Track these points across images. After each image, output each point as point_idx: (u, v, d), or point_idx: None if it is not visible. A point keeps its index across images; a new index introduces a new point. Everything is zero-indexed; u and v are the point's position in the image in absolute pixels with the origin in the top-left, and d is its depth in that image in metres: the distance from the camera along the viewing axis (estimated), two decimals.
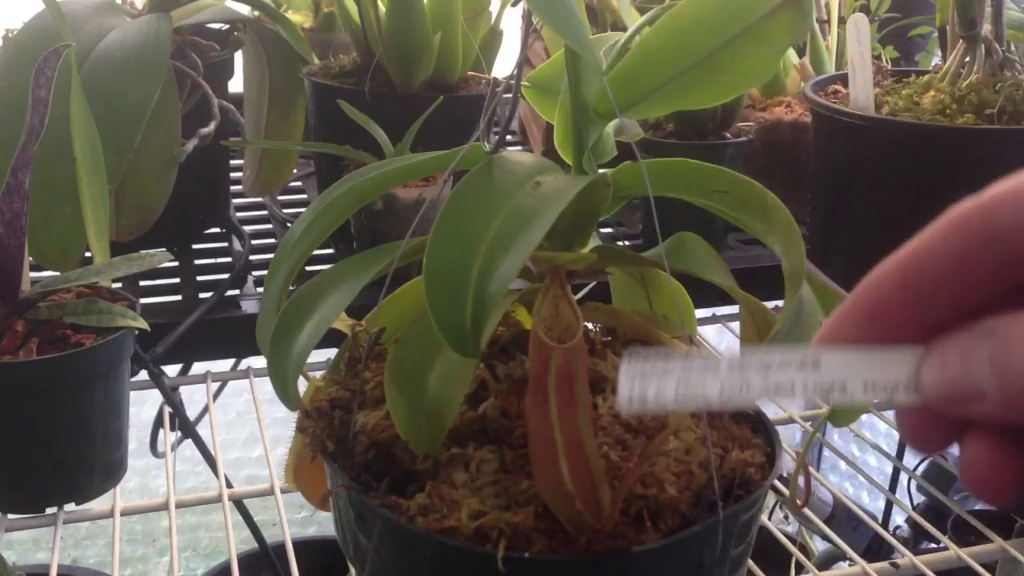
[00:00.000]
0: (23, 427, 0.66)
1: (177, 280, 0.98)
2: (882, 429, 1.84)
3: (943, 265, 0.27)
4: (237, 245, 1.04)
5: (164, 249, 0.73)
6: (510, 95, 0.48)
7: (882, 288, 0.28)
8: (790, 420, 0.84)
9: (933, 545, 1.30)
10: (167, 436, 0.81)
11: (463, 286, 0.38)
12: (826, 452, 1.75)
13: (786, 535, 1.07)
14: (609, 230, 1.14)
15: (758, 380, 0.28)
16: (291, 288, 0.49)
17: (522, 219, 0.39)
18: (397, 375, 0.43)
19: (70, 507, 0.70)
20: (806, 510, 0.71)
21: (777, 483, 0.73)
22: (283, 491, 0.72)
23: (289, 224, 0.99)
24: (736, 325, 0.76)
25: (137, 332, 0.70)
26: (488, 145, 0.46)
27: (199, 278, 0.98)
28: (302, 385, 0.48)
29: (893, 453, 1.10)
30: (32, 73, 0.63)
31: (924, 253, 0.27)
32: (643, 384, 0.28)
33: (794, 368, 0.28)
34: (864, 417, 0.80)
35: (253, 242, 1.03)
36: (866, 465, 1.98)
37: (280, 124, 1.02)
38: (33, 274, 0.71)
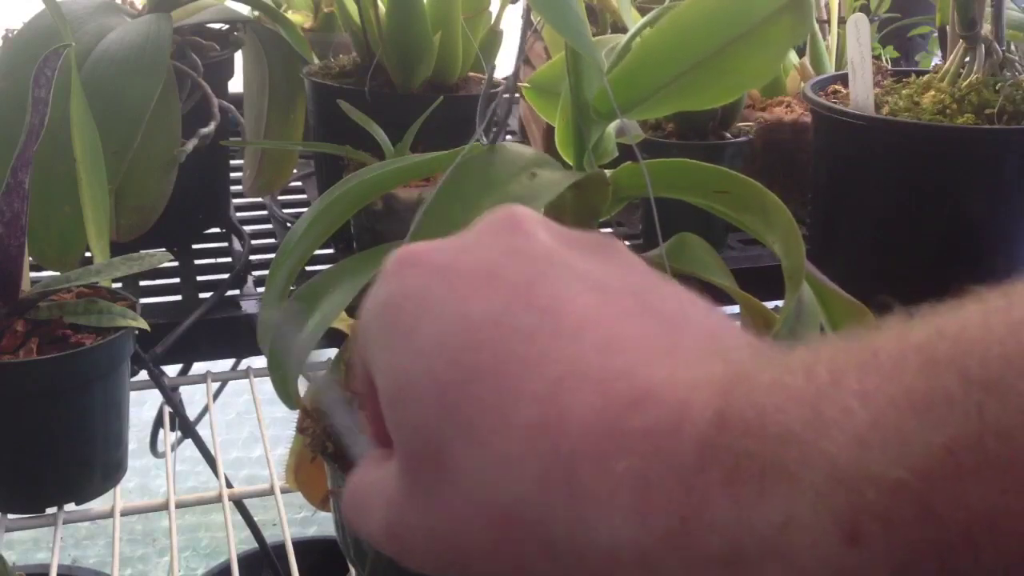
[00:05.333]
0: (23, 427, 0.66)
1: (177, 280, 0.97)
2: None
3: None
4: (237, 245, 1.04)
5: (164, 249, 0.73)
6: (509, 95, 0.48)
7: None
8: None
9: None
10: (167, 436, 0.81)
11: None
12: None
13: None
14: (609, 230, 1.14)
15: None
16: (291, 288, 0.49)
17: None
18: None
19: (70, 507, 0.70)
20: None
21: None
22: (283, 491, 0.72)
23: (289, 224, 0.99)
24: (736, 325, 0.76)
25: (137, 332, 0.70)
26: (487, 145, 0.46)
27: (199, 278, 0.98)
28: (302, 385, 0.48)
29: None
30: (32, 73, 0.63)
31: None
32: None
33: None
34: None
35: (253, 242, 1.03)
36: None
37: (280, 124, 1.02)
38: (33, 274, 0.71)
